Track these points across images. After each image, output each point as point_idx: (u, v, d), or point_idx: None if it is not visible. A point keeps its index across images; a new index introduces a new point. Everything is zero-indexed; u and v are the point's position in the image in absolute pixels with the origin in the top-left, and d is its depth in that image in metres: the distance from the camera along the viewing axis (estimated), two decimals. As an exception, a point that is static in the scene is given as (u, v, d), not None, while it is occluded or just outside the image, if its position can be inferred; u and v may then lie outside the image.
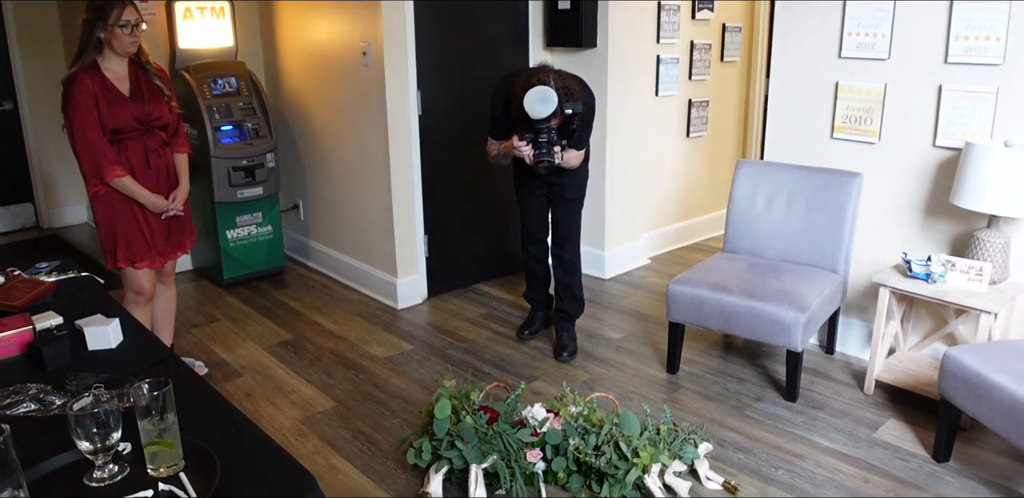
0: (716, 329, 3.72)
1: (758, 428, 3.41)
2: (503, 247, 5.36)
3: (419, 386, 3.82)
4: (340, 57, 4.82)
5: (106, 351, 2.18)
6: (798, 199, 3.89)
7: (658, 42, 5.36)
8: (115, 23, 3.25)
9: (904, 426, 3.40)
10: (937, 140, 3.62)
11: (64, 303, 2.45)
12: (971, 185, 3.28)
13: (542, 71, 3.57)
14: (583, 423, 2.99)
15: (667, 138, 5.73)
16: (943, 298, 3.32)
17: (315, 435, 3.39)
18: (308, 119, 5.35)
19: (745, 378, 3.88)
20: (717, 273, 3.80)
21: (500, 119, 3.84)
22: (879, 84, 3.76)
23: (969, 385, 2.89)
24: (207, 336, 4.43)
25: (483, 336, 4.42)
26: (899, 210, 3.82)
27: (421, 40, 4.57)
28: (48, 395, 1.88)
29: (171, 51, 5.01)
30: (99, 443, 1.52)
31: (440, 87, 4.75)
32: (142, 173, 3.47)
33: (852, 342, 4.10)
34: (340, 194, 5.19)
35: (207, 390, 1.99)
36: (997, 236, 3.35)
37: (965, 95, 3.50)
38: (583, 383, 3.83)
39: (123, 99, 3.37)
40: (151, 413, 1.53)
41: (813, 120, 4.04)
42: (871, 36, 3.75)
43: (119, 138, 3.39)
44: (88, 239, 6.40)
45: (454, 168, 4.95)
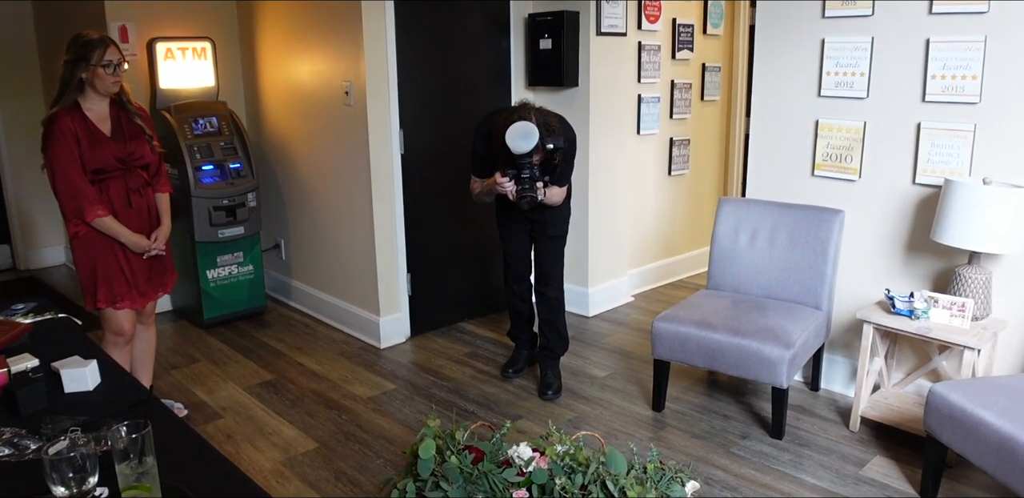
0: (701, 366, 3.71)
1: (744, 466, 3.38)
2: (486, 285, 5.34)
3: (403, 426, 3.78)
4: (322, 96, 4.83)
5: (83, 393, 2.14)
6: (780, 236, 3.90)
7: (639, 81, 5.42)
8: (97, 63, 3.24)
9: (890, 463, 3.38)
10: (917, 177, 3.65)
11: (40, 345, 2.42)
12: (951, 222, 3.30)
13: (523, 108, 3.59)
14: (569, 462, 2.95)
15: (649, 176, 5.77)
16: (926, 334, 3.33)
17: (296, 477, 3.34)
18: (290, 158, 5.35)
19: (731, 415, 3.86)
20: (701, 310, 3.79)
21: (482, 157, 3.85)
22: (858, 122, 3.80)
23: (955, 422, 2.88)
24: (187, 377, 4.37)
25: (467, 375, 4.38)
26: (881, 246, 3.84)
27: (403, 79, 4.60)
28: (23, 439, 1.84)
29: (152, 91, 5.02)
30: (75, 488, 1.48)
31: (423, 126, 4.77)
32: (123, 213, 3.45)
33: (837, 379, 4.09)
34: (322, 233, 5.18)
35: (187, 432, 1.95)
36: (978, 272, 3.36)
37: (943, 133, 3.54)
38: (568, 421, 3.80)
39: (104, 139, 3.35)
40: (129, 456, 1.50)
41: (794, 158, 4.07)
42: (849, 75, 3.80)
43: (100, 178, 3.37)
44: (66, 280, 6.34)
45: (437, 206, 4.95)
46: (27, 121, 6.32)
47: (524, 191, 3.58)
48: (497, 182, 3.64)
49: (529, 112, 3.55)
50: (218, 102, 5.20)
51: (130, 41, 4.97)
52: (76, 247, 3.44)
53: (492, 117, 3.75)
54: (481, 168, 3.90)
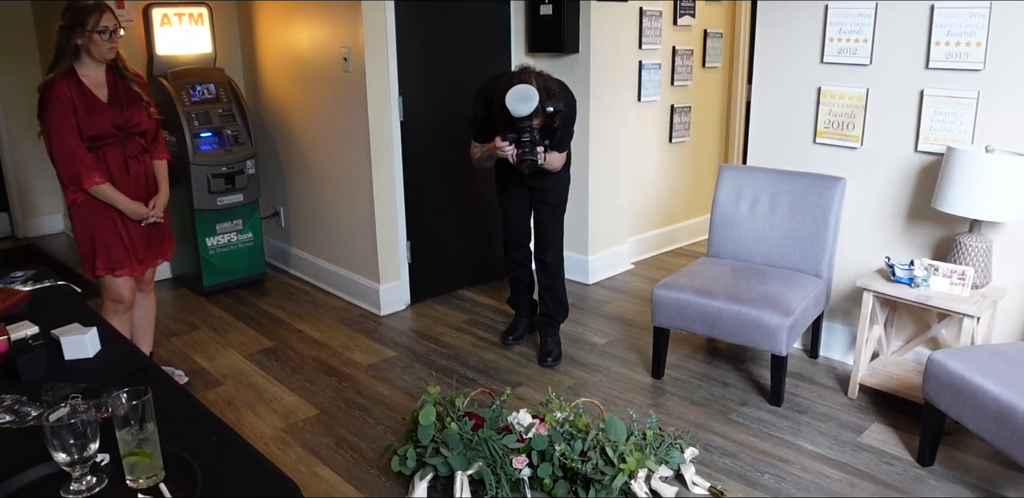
0: (701, 333, 3.72)
1: (743, 432, 3.40)
2: (486, 252, 5.34)
3: (403, 393, 3.79)
4: (320, 63, 4.79)
5: (83, 361, 2.15)
6: (781, 204, 3.89)
7: (640, 48, 5.37)
8: (93, 29, 3.19)
9: (888, 430, 3.40)
10: (919, 145, 3.63)
11: (40, 312, 2.41)
12: (953, 190, 3.29)
13: (524, 72, 3.58)
14: (569, 429, 2.97)
15: (650, 143, 5.74)
16: (926, 302, 3.33)
17: (297, 443, 3.36)
18: (289, 125, 5.31)
19: (730, 382, 3.87)
20: (701, 278, 3.79)
21: (482, 121, 3.83)
22: (861, 89, 3.77)
23: (953, 389, 2.90)
24: (187, 345, 4.39)
25: (467, 342, 4.39)
26: (882, 214, 3.83)
27: (402, 46, 4.55)
28: (23, 406, 1.85)
29: (148, 58, 4.97)
30: (76, 454, 1.48)
31: (422, 93, 4.74)
32: (121, 180, 3.42)
33: (836, 346, 4.10)
34: (321, 200, 5.16)
35: (187, 399, 1.96)
36: (979, 240, 3.36)
37: (946, 100, 3.51)
38: (568, 388, 3.81)
39: (101, 105, 3.32)
40: (130, 423, 1.50)
41: (796, 125, 4.05)
42: (853, 41, 3.76)
43: (97, 145, 3.35)
44: (65, 248, 6.33)
45: (437, 173, 4.93)
46: (23, 88, 6.27)
47: (524, 155, 3.57)
48: (497, 146, 3.63)
49: (530, 76, 3.53)
50: (216, 69, 5.15)
51: (126, 7, 4.91)
52: (74, 215, 3.43)
53: (492, 82, 3.72)
54: (481, 133, 3.88)
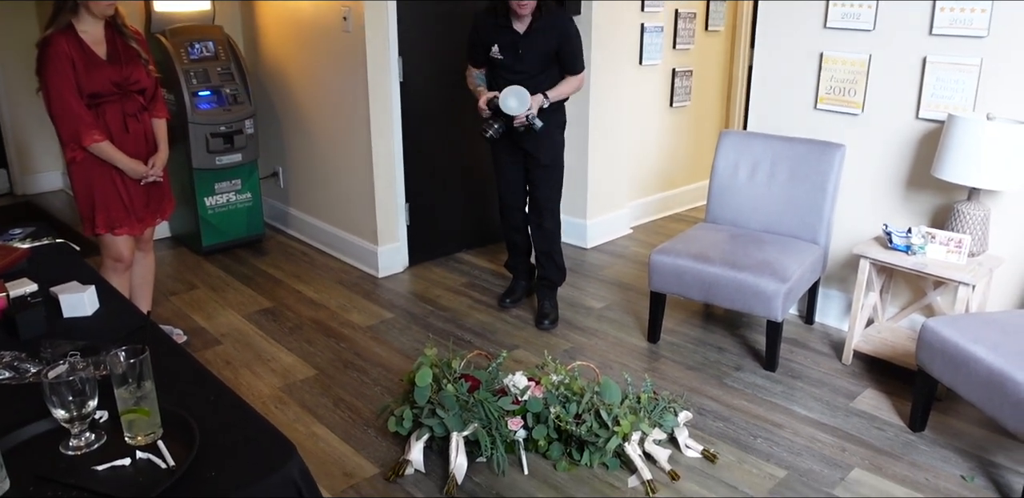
0: (697, 299, 3.73)
1: (737, 397, 3.43)
2: (485, 215, 5.34)
3: (400, 354, 3.82)
4: (320, 22, 4.75)
5: (82, 319, 2.16)
6: (780, 170, 3.88)
7: (642, 10, 5.31)
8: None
9: (881, 396, 3.43)
10: (920, 112, 3.61)
11: (39, 270, 2.42)
12: (953, 158, 3.28)
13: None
14: (564, 391, 3.00)
15: (650, 108, 5.70)
16: (922, 270, 3.34)
17: (295, 403, 3.39)
18: (288, 85, 5.28)
19: (725, 348, 3.90)
20: (699, 243, 3.80)
21: (475, 45, 3.95)
22: (863, 55, 3.75)
23: (946, 356, 2.92)
24: (185, 304, 4.40)
25: (464, 305, 4.41)
26: (881, 182, 3.82)
27: (403, 6, 4.50)
28: (23, 363, 1.86)
29: (146, 14, 4.92)
30: (75, 411, 1.50)
31: (422, 53, 4.70)
32: (120, 138, 3.41)
33: (831, 313, 4.12)
34: (320, 162, 5.15)
35: (185, 358, 1.97)
36: (977, 209, 3.36)
37: (949, 67, 3.48)
38: (564, 352, 3.84)
39: (100, 62, 3.30)
40: (128, 381, 1.52)
41: (797, 91, 4.02)
42: (857, 6, 3.73)
43: (96, 102, 3.33)
44: (63, 206, 6.33)
45: (436, 136, 4.91)
46: (20, 44, 6.20)
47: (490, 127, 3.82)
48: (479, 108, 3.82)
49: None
50: (214, 26, 5.10)
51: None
52: (73, 172, 3.43)
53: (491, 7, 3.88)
54: (475, 57, 4.00)
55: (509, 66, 3.86)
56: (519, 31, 3.80)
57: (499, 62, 3.87)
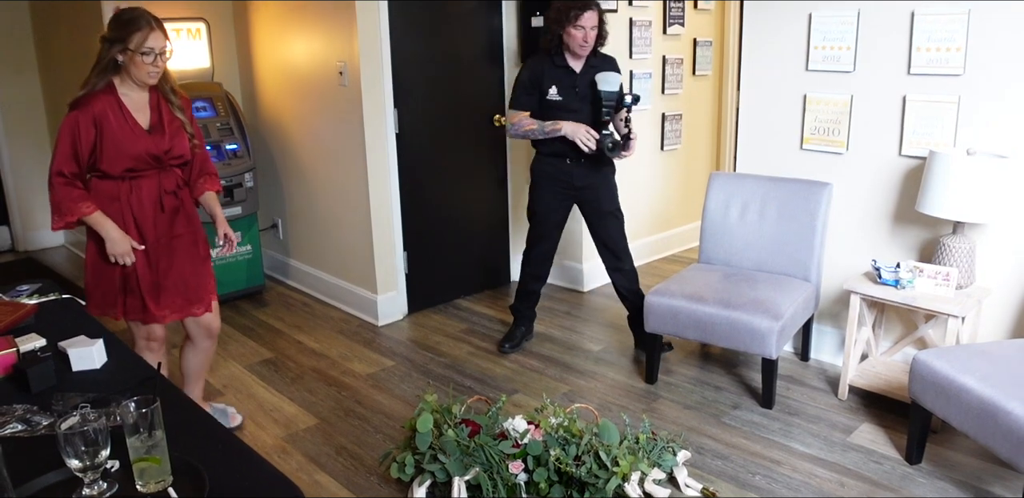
0: (693, 339, 3.78)
1: (735, 435, 3.47)
2: (482, 262, 5.41)
3: (401, 402, 3.86)
4: (317, 77, 4.87)
5: (91, 371, 2.21)
6: (770, 209, 3.96)
7: (631, 57, 5.44)
8: (136, 49, 2.83)
9: (877, 430, 3.47)
10: (903, 149, 3.71)
11: (47, 325, 2.48)
12: (936, 193, 3.36)
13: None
14: (563, 434, 3.03)
15: (642, 151, 5.79)
16: (912, 303, 3.40)
17: (298, 452, 3.42)
18: (286, 139, 5.39)
19: (722, 386, 3.94)
20: (693, 284, 3.86)
21: (530, 91, 4.03)
22: (845, 96, 3.85)
23: (938, 388, 2.96)
24: (189, 356, 4.43)
25: (464, 351, 4.46)
26: (868, 218, 3.90)
27: (397, 58, 4.63)
28: (34, 416, 1.91)
29: (147, 73, 5.04)
30: (88, 461, 1.54)
31: (417, 105, 4.81)
32: (153, 217, 3.07)
33: (826, 349, 4.17)
34: (319, 212, 5.23)
35: (193, 408, 2.02)
36: (962, 242, 3.43)
37: (928, 105, 3.59)
38: (563, 395, 3.88)
39: (140, 132, 2.97)
40: (139, 430, 1.57)
41: (783, 132, 4.12)
42: (836, 49, 3.84)
43: (131, 175, 3.00)
44: (65, 261, 6.39)
45: (433, 184, 5.00)
46: (24, 101, 6.37)
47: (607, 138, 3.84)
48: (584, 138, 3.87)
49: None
50: (214, 83, 5.23)
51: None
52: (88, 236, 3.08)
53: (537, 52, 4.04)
54: (526, 100, 4.06)
55: (565, 106, 3.99)
56: (576, 70, 3.96)
57: (555, 103, 4.00)
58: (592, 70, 3.95)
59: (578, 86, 3.97)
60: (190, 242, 3.25)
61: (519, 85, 4.07)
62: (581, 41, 3.83)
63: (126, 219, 3.04)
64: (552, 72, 3.97)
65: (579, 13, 3.78)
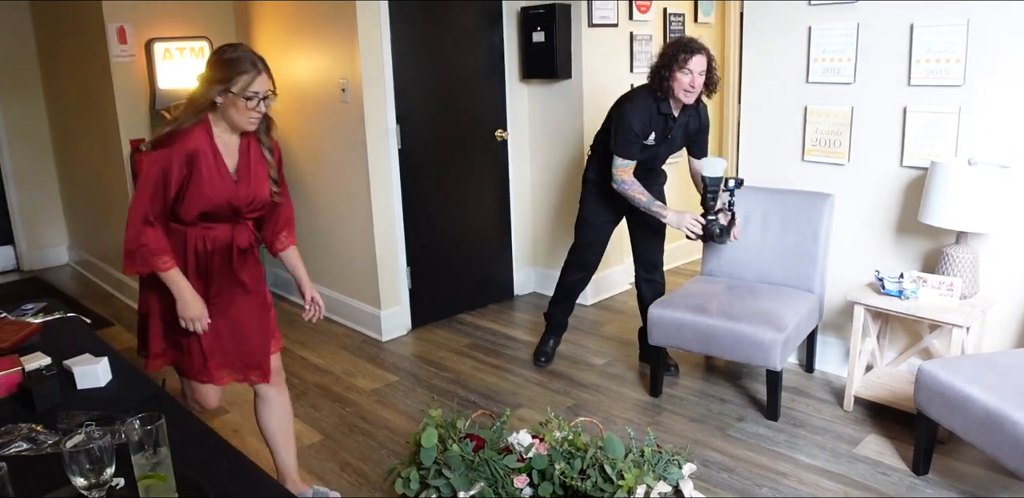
0: (697, 351, 3.78)
1: (741, 447, 3.46)
2: (485, 277, 5.42)
3: (405, 417, 3.85)
4: (319, 94, 4.89)
5: (96, 389, 2.22)
6: (772, 221, 3.97)
7: (632, 72, 5.46)
8: (240, 93, 2.52)
9: (884, 441, 3.46)
10: (904, 160, 3.72)
11: (52, 344, 2.49)
12: (938, 203, 3.37)
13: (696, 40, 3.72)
14: (568, 448, 3.02)
15: (643, 165, 5.81)
16: (916, 314, 3.40)
17: (302, 468, 3.40)
18: (289, 156, 5.40)
19: (727, 399, 3.93)
20: (696, 296, 3.86)
21: (638, 138, 3.86)
22: (846, 107, 3.86)
23: (944, 398, 2.96)
24: (194, 373, 4.44)
25: (468, 366, 4.45)
26: (871, 229, 3.90)
27: (399, 75, 4.66)
28: (40, 434, 1.92)
29: (151, 92, 5.08)
30: (93, 479, 1.55)
31: (419, 121, 4.83)
32: (219, 270, 2.73)
33: (831, 360, 4.16)
34: (322, 228, 5.24)
35: (198, 425, 2.03)
36: (965, 252, 3.43)
37: (929, 116, 3.60)
38: (568, 409, 3.87)
39: (228, 178, 2.63)
40: (144, 447, 1.57)
41: (784, 144, 4.14)
42: (836, 61, 3.86)
43: (204, 224, 2.66)
44: (70, 280, 6.41)
45: (435, 200, 5.02)
46: (28, 119, 6.41)
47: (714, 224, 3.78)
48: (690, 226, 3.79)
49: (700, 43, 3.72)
50: (215, 101, 5.25)
51: (128, 42, 5.04)
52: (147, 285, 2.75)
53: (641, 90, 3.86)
54: (636, 148, 3.88)
55: (654, 149, 3.93)
56: (675, 115, 3.86)
57: (646, 147, 3.91)
58: (686, 117, 3.88)
59: (672, 132, 3.89)
60: (256, 301, 2.88)
61: (630, 134, 3.82)
62: (687, 86, 3.67)
63: (189, 269, 2.68)
64: (656, 120, 3.84)
65: (688, 57, 3.62)
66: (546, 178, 5.43)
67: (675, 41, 3.75)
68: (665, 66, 3.69)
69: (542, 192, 5.48)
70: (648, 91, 3.80)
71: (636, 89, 3.95)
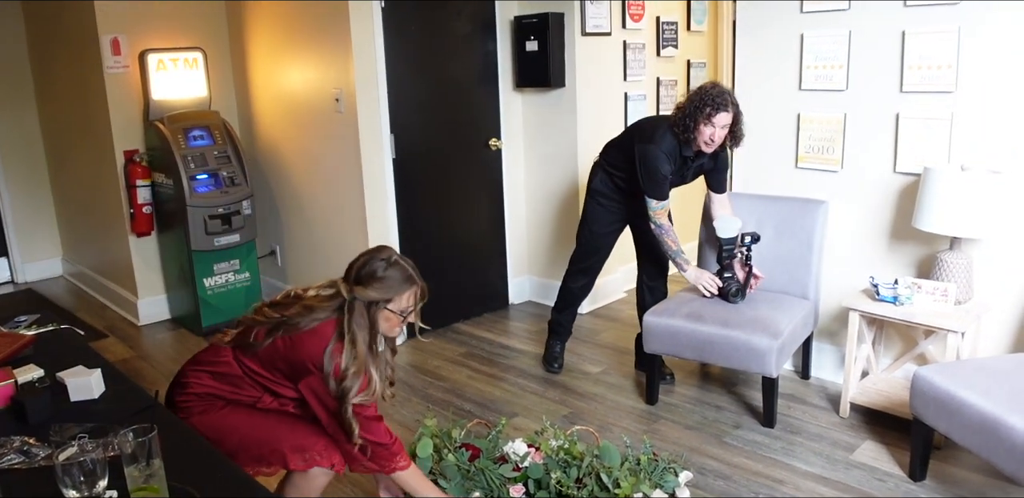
0: (692, 358, 3.78)
1: (737, 455, 3.45)
2: (480, 286, 5.41)
3: (401, 427, 3.84)
4: (313, 104, 4.90)
5: (89, 401, 2.21)
6: (767, 228, 3.97)
7: (625, 80, 5.48)
8: (400, 310, 2.46)
9: (880, 447, 3.45)
10: (897, 166, 3.72)
11: (45, 356, 2.48)
12: (931, 209, 3.37)
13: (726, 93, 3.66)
14: (564, 456, 3.02)
15: (637, 172, 5.82)
16: (911, 320, 3.40)
17: (300, 479, 3.40)
18: (283, 166, 5.41)
19: (723, 406, 3.93)
20: (691, 304, 3.86)
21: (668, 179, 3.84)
22: (839, 114, 3.87)
23: (939, 404, 2.96)
24: (189, 384, 4.42)
25: (463, 375, 4.45)
26: (865, 235, 3.91)
27: (393, 85, 4.66)
28: (33, 447, 1.91)
29: (145, 102, 5.08)
30: (86, 491, 1.55)
31: (414, 130, 4.84)
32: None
33: (826, 366, 4.16)
34: (317, 238, 5.24)
35: (192, 436, 2.02)
36: (959, 257, 3.44)
37: (921, 122, 3.61)
38: (563, 417, 3.87)
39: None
40: (137, 459, 1.57)
41: (778, 151, 4.14)
42: (829, 68, 3.87)
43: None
44: (63, 292, 6.39)
45: (430, 209, 5.02)
46: (22, 134, 6.39)
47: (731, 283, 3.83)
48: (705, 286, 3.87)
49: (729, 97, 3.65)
50: (211, 111, 5.26)
51: (122, 53, 5.03)
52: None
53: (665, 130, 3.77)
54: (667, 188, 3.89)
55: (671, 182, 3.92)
56: (692, 158, 3.84)
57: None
58: (703, 157, 3.85)
59: (689, 168, 3.88)
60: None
61: (662, 178, 3.80)
62: (708, 138, 3.65)
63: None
64: (679, 160, 3.82)
65: (714, 112, 3.58)
66: (540, 186, 5.43)
67: (705, 91, 3.67)
68: (690, 115, 3.65)
69: (536, 201, 5.49)
70: (672, 133, 3.75)
71: (659, 124, 3.85)
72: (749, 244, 3.79)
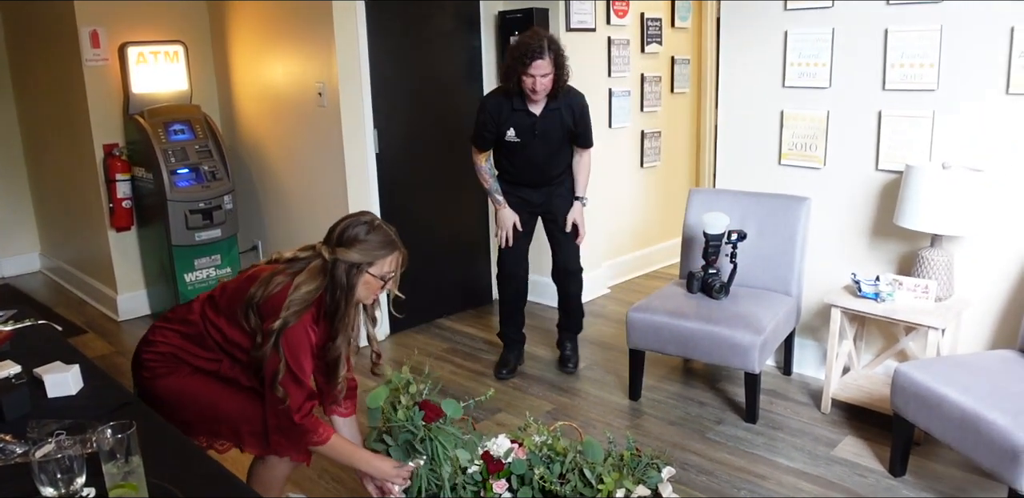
0: (675, 354, 3.79)
1: (720, 450, 3.46)
2: (464, 281, 5.40)
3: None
4: (296, 98, 4.87)
5: (67, 398, 2.19)
6: (750, 225, 3.98)
7: (609, 76, 5.48)
8: (380, 274, 2.49)
9: (861, 443, 3.47)
10: (879, 164, 3.74)
11: (22, 351, 2.45)
12: (913, 206, 3.39)
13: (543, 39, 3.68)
14: (547, 452, 3.01)
15: (622, 169, 5.83)
16: (892, 316, 3.42)
17: (281, 475, 3.38)
18: (265, 160, 5.38)
19: (706, 402, 3.93)
20: (674, 300, 3.86)
21: (486, 130, 3.93)
22: (822, 111, 3.88)
23: (920, 399, 2.97)
24: (169, 380, 4.39)
25: (447, 370, 4.44)
26: (847, 232, 3.92)
27: (376, 79, 4.64)
28: (9, 444, 1.88)
29: (125, 96, 5.04)
30: (63, 489, 1.53)
31: (397, 125, 4.82)
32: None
33: (808, 362, 4.18)
34: (299, 233, 5.21)
35: (171, 433, 2.00)
36: (940, 254, 3.45)
37: (903, 120, 3.62)
38: (547, 413, 3.86)
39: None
40: (115, 456, 1.55)
41: (761, 148, 4.15)
42: (812, 66, 3.88)
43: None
44: (41, 287, 6.33)
45: (413, 204, 5.00)
46: (-1, 127, 6.33)
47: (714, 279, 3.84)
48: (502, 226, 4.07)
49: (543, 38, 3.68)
50: (192, 105, 5.22)
51: (101, 46, 4.99)
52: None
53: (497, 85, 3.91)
54: (486, 141, 3.99)
55: (523, 146, 3.93)
56: (535, 113, 3.86)
57: (515, 145, 3.93)
58: (552, 113, 3.86)
59: (537, 128, 3.87)
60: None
61: (479, 126, 3.95)
62: (531, 88, 3.71)
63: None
64: (511, 115, 3.85)
65: (529, 61, 3.63)
66: (524, 182, 5.41)
67: (521, 41, 3.72)
68: (511, 67, 3.75)
69: (520, 196, 5.47)
70: (501, 86, 3.89)
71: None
72: (735, 241, 3.79)
